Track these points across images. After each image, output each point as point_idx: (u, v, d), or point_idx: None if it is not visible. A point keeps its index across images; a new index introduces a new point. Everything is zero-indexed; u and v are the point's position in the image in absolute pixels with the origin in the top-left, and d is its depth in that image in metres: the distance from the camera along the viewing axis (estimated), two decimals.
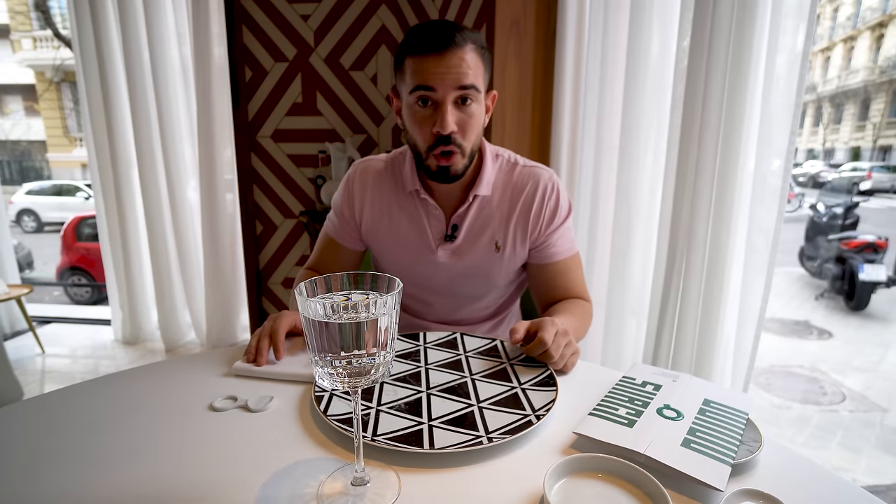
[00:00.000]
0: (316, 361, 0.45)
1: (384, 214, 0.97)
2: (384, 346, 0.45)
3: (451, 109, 0.81)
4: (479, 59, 0.83)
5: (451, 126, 0.81)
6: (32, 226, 9.25)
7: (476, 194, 0.92)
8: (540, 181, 0.94)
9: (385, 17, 2.18)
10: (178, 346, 2.82)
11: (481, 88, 0.84)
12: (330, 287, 0.47)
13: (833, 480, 0.50)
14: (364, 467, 0.49)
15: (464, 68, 0.80)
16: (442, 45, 0.79)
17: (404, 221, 0.96)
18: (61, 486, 0.49)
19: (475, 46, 0.82)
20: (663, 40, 1.33)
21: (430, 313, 1.03)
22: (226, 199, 2.53)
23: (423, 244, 0.95)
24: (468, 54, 0.80)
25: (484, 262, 0.95)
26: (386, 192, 0.97)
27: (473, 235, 0.94)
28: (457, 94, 0.81)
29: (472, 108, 0.83)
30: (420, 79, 0.80)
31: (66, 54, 12.66)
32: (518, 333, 0.74)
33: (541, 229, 0.94)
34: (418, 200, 0.94)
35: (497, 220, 0.94)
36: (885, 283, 4.24)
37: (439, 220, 0.94)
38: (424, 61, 0.80)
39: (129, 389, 0.69)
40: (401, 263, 0.98)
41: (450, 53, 0.79)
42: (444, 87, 0.80)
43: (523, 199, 0.93)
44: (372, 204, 0.97)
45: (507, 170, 0.95)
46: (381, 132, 2.32)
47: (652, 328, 1.38)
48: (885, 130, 15.76)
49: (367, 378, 0.45)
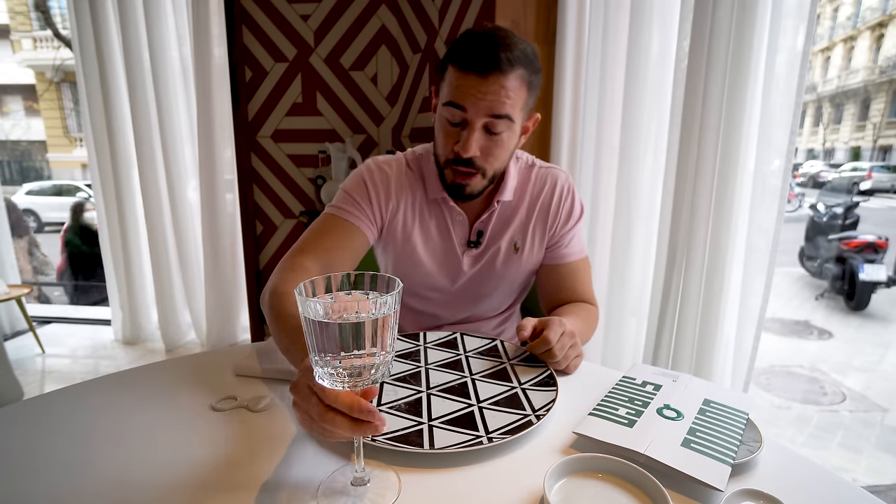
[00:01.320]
0: (316, 361, 0.45)
1: (414, 219, 0.93)
2: (384, 347, 0.45)
3: (478, 135, 0.78)
4: (524, 86, 0.78)
5: (474, 151, 0.79)
6: (32, 226, 9.25)
7: (500, 199, 0.91)
8: (557, 182, 0.94)
9: (385, 17, 2.18)
10: (178, 346, 2.82)
11: (516, 118, 0.79)
12: (330, 287, 0.47)
13: (833, 480, 0.50)
14: (364, 467, 0.49)
15: (501, 97, 0.75)
16: (486, 68, 0.74)
17: (432, 228, 0.94)
18: (61, 486, 0.49)
19: (523, 72, 0.77)
20: (663, 41, 1.33)
21: (439, 313, 1.02)
22: (226, 199, 2.53)
23: (449, 251, 0.94)
24: (511, 81, 0.75)
25: (503, 265, 0.95)
26: (418, 196, 0.93)
27: (496, 240, 0.94)
28: (487, 120, 0.78)
29: (501, 137, 0.80)
30: (454, 96, 0.77)
31: (66, 54, 12.65)
32: (525, 331, 0.74)
33: (556, 229, 0.94)
34: (445, 208, 0.93)
35: (517, 223, 0.94)
36: (885, 283, 4.23)
37: (463, 226, 0.93)
38: (464, 79, 0.76)
39: (130, 389, 0.69)
40: (425, 270, 0.95)
41: (492, 79, 0.74)
42: (475, 110, 0.77)
43: (542, 200, 0.94)
44: (404, 206, 0.92)
45: (525, 172, 0.95)
46: (381, 132, 2.32)
47: (652, 328, 1.38)
48: (885, 130, 15.75)
49: (366, 378, 0.45)
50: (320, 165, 2.33)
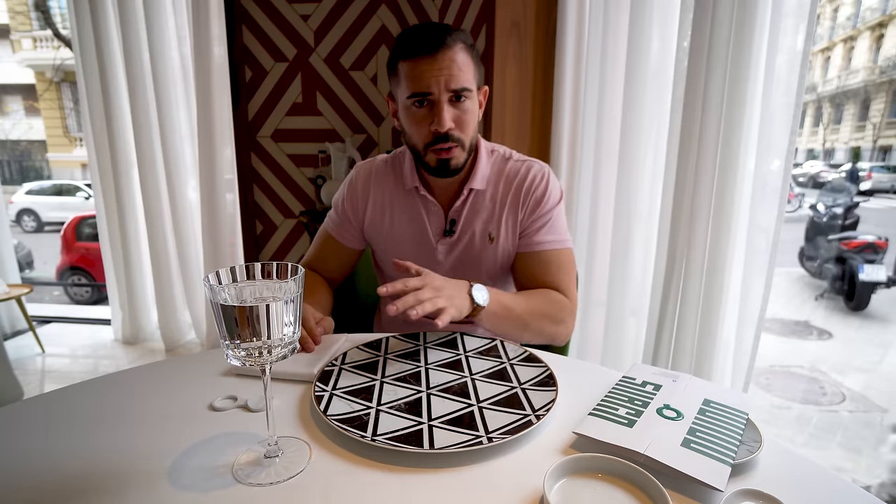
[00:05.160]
0: (226, 345, 0.50)
1: (386, 212, 0.99)
2: (288, 327, 0.50)
3: (446, 108, 0.84)
4: (469, 58, 0.86)
5: (449, 123, 0.84)
6: (32, 226, 9.25)
7: (471, 188, 0.94)
8: (530, 171, 0.96)
9: (385, 17, 2.18)
10: (178, 346, 2.82)
11: (473, 87, 0.86)
12: (236, 277, 0.52)
13: (833, 480, 0.50)
14: (277, 439, 0.54)
15: (455, 69, 0.83)
16: (433, 48, 0.82)
17: (405, 219, 0.98)
18: (61, 486, 0.49)
19: (464, 45, 0.85)
20: (663, 41, 1.33)
21: None
22: (226, 199, 2.53)
23: (423, 240, 0.98)
24: (458, 54, 0.83)
25: (478, 254, 0.97)
26: (388, 190, 0.99)
27: (469, 228, 0.96)
28: (451, 94, 0.84)
29: (466, 105, 0.86)
30: (414, 84, 0.83)
31: (66, 54, 12.65)
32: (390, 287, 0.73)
33: (526, 213, 0.95)
34: (418, 197, 0.97)
35: (490, 212, 0.96)
36: (885, 284, 4.23)
37: (438, 215, 0.97)
38: (417, 64, 0.83)
39: (129, 389, 0.69)
40: (400, 257, 0.98)
41: (440, 55, 0.82)
42: (437, 88, 0.83)
43: (514, 189, 0.95)
44: (374, 202, 1.00)
45: (500, 164, 0.98)
46: (381, 132, 2.32)
47: (652, 328, 1.38)
48: (885, 130, 15.75)
49: (271, 356, 0.50)
50: (320, 165, 2.33)
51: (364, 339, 0.82)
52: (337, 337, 0.84)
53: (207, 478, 0.50)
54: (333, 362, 0.74)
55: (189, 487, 0.49)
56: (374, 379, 0.70)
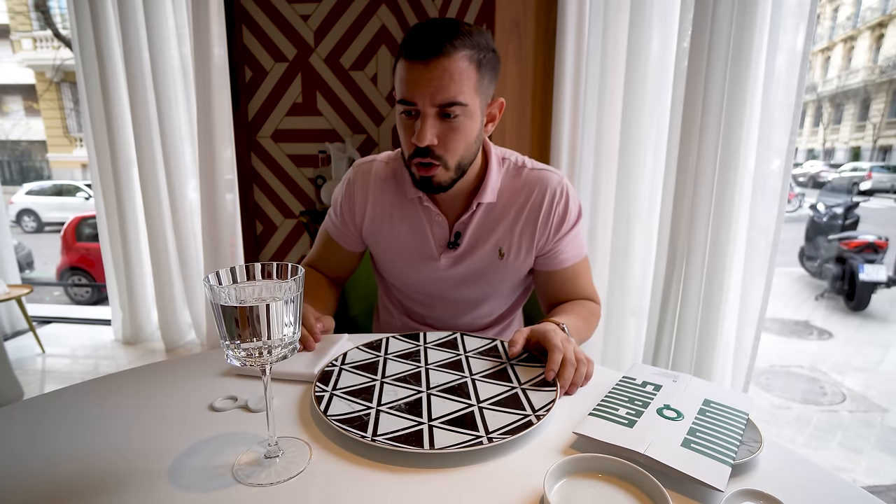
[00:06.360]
0: (226, 345, 0.49)
1: (385, 220, 0.94)
2: (288, 327, 0.50)
3: (431, 122, 0.77)
4: (472, 67, 0.76)
5: (429, 139, 0.77)
6: (32, 226, 9.25)
7: (480, 202, 0.88)
8: (548, 186, 0.89)
9: (385, 17, 2.18)
10: (178, 346, 2.82)
11: (469, 102, 0.77)
12: (236, 277, 0.52)
13: (833, 480, 0.50)
14: (277, 440, 0.54)
15: (445, 82, 0.74)
16: (429, 54, 0.73)
17: (405, 229, 0.93)
18: (61, 486, 0.49)
19: (471, 53, 0.75)
20: (663, 41, 1.33)
21: (431, 318, 1.02)
22: (226, 199, 2.53)
23: (424, 251, 0.93)
24: (456, 64, 0.74)
25: (487, 270, 0.92)
26: (388, 197, 0.94)
27: (477, 243, 0.91)
28: (438, 108, 0.76)
29: (457, 122, 0.78)
30: (403, 89, 0.77)
31: (66, 54, 12.65)
32: (516, 346, 0.73)
33: (548, 236, 0.90)
34: (421, 208, 0.91)
35: (502, 227, 0.90)
36: (885, 283, 4.23)
37: (442, 227, 0.91)
38: (410, 69, 0.75)
39: (130, 389, 0.69)
40: (401, 269, 0.97)
41: (434, 64, 0.73)
42: (423, 100, 0.75)
43: (530, 206, 0.89)
44: (373, 208, 0.95)
45: (513, 174, 0.91)
46: (381, 132, 2.32)
47: (652, 328, 1.38)
48: (885, 130, 15.76)
49: (271, 356, 0.50)
50: (320, 165, 2.33)
51: (364, 340, 0.82)
52: (337, 337, 0.84)
53: (207, 478, 0.50)
54: (333, 362, 0.74)
55: (189, 487, 0.49)
56: (375, 379, 0.70)
